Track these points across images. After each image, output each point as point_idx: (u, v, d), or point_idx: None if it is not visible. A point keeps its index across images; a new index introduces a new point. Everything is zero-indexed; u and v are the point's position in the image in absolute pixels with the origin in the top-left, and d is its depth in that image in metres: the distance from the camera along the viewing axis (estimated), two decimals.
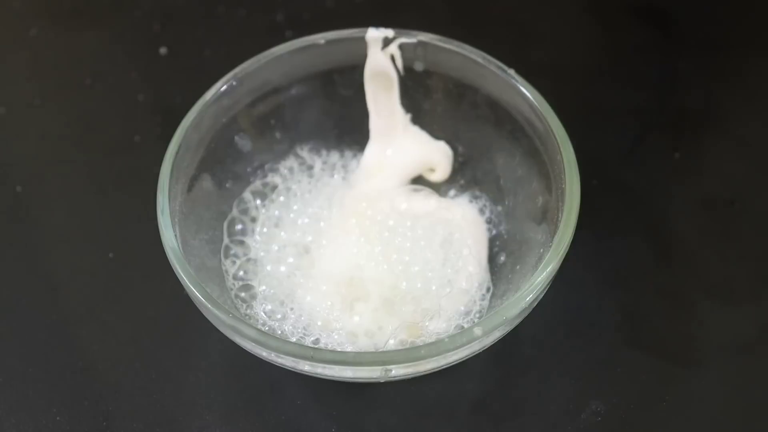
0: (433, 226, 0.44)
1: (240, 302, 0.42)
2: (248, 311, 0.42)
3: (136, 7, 0.63)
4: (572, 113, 0.44)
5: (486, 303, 0.43)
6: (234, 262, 0.44)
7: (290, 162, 0.48)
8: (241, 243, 0.45)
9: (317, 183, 0.48)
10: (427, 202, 0.46)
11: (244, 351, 0.37)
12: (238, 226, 0.45)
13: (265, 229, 0.46)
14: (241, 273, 0.44)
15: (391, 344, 0.41)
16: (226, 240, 0.45)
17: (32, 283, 0.48)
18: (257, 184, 0.47)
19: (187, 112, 0.42)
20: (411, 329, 0.41)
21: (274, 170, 0.48)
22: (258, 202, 0.47)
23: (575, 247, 0.38)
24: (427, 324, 0.41)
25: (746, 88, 0.57)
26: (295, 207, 0.46)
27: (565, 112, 0.42)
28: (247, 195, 0.47)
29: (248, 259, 0.44)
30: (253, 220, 0.46)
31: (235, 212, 0.46)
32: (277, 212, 0.46)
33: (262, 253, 0.44)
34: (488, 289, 0.43)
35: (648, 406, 0.42)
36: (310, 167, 0.48)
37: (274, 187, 0.47)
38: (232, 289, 0.43)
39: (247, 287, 0.43)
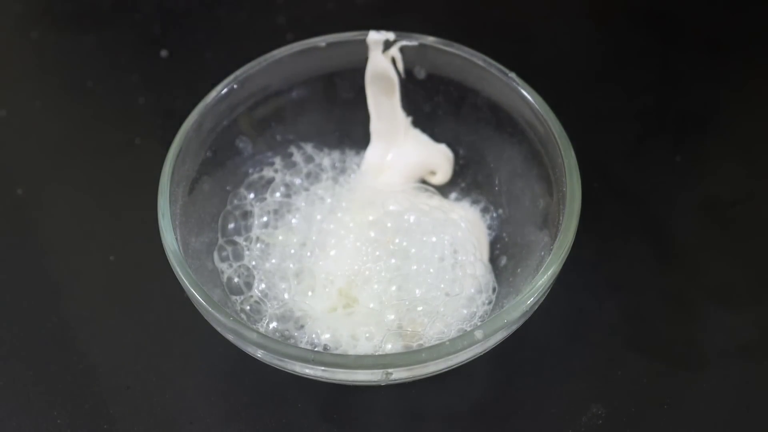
0: (436, 227, 0.44)
1: (239, 304, 0.42)
2: (248, 314, 0.42)
3: (136, 10, 0.63)
4: (573, 116, 0.44)
5: (487, 306, 0.43)
6: (231, 265, 0.44)
7: (290, 162, 0.48)
8: (237, 243, 0.45)
9: (318, 183, 0.48)
10: (429, 203, 0.46)
11: (245, 354, 0.37)
12: (231, 225, 0.45)
13: (262, 229, 0.45)
14: (238, 274, 0.44)
15: (390, 347, 0.41)
16: (221, 240, 0.44)
17: (33, 286, 0.48)
18: (254, 177, 0.47)
19: (188, 115, 0.42)
20: (407, 334, 0.41)
21: (271, 167, 0.48)
22: (252, 196, 0.46)
23: (576, 249, 0.38)
24: (426, 328, 0.41)
25: (747, 90, 0.57)
26: (293, 206, 0.46)
27: (566, 115, 0.42)
28: (242, 191, 0.46)
29: (244, 259, 0.44)
30: (249, 217, 0.46)
31: (229, 208, 0.46)
32: (274, 211, 0.46)
33: (258, 253, 0.44)
34: (494, 290, 0.43)
35: (649, 410, 0.42)
36: (310, 166, 0.48)
37: (271, 181, 0.47)
38: (231, 293, 0.43)
39: (245, 288, 0.43)
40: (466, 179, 0.48)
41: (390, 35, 0.45)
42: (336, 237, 0.45)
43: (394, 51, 0.45)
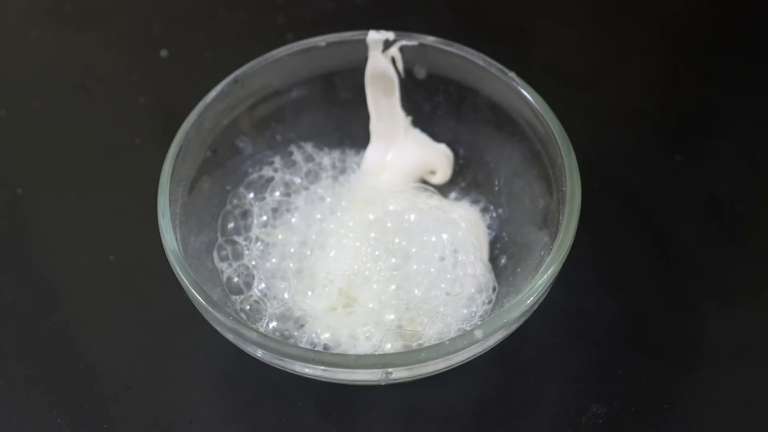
0: (436, 226, 0.44)
1: (239, 304, 0.42)
2: (248, 314, 0.42)
3: (136, 10, 0.63)
4: (573, 116, 0.44)
5: (487, 305, 0.43)
6: (230, 265, 0.44)
7: (290, 161, 0.48)
8: (237, 242, 0.45)
9: (318, 182, 0.48)
10: (429, 202, 0.46)
11: (244, 353, 0.37)
12: (231, 224, 0.45)
13: (261, 229, 0.45)
14: (238, 273, 0.44)
15: (389, 347, 0.41)
16: (220, 239, 0.44)
17: (33, 286, 0.48)
18: (254, 176, 0.47)
19: (187, 114, 0.42)
20: (407, 334, 0.41)
21: (271, 166, 0.48)
22: (251, 195, 0.46)
23: (576, 249, 0.38)
24: (426, 328, 0.41)
25: (747, 90, 0.57)
26: (293, 205, 0.46)
27: (565, 115, 0.42)
28: (242, 191, 0.46)
29: (244, 259, 0.44)
30: (249, 217, 0.46)
31: (228, 208, 0.46)
32: (274, 210, 0.46)
33: (258, 253, 0.44)
34: (494, 289, 0.43)
35: (649, 409, 0.42)
36: (310, 165, 0.48)
37: (270, 181, 0.47)
38: (231, 293, 0.43)
39: (245, 288, 0.43)
40: (466, 179, 0.48)
41: (390, 35, 0.45)
42: (336, 236, 0.45)
43: (394, 51, 0.45)
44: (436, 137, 0.48)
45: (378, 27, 0.45)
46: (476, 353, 0.36)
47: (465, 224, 0.45)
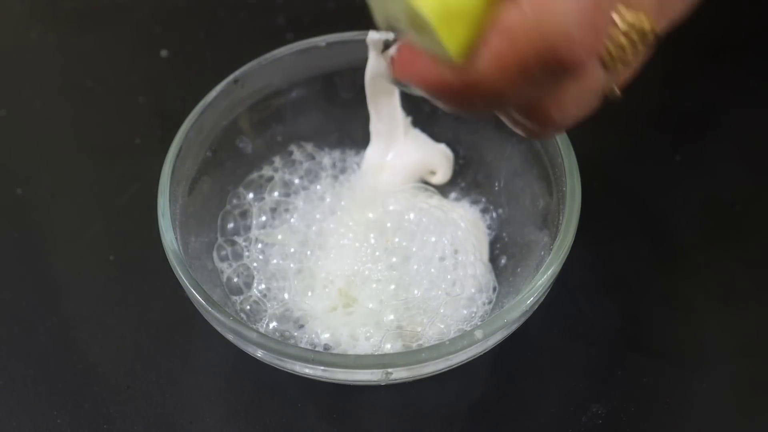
0: (436, 227, 0.44)
1: (239, 304, 0.42)
2: (248, 314, 0.42)
3: (136, 10, 0.63)
4: None
5: (487, 306, 0.42)
6: (230, 265, 0.44)
7: (289, 161, 0.48)
8: (237, 242, 0.45)
9: (318, 182, 0.48)
10: (429, 202, 0.46)
11: (244, 353, 0.37)
12: (230, 224, 0.45)
13: (261, 229, 0.45)
14: (238, 273, 0.44)
15: (389, 347, 0.41)
16: (220, 239, 0.44)
17: (33, 286, 0.48)
18: (254, 176, 0.47)
19: (187, 114, 0.42)
20: (407, 334, 0.41)
21: (271, 166, 0.48)
22: (251, 195, 0.46)
23: (576, 249, 0.38)
24: (426, 328, 0.41)
25: (747, 90, 0.57)
26: (293, 206, 0.46)
27: None
28: (242, 191, 0.46)
29: (244, 259, 0.44)
30: (249, 217, 0.46)
31: (228, 208, 0.46)
32: (274, 210, 0.46)
33: (258, 253, 0.44)
34: (494, 289, 0.43)
35: (649, 409, 0.42)
36: (310, 165, 0.48)
37: (270, 180, 0.47)
38: (231, 293, 0.43)
39: (245, 288, 0.43)
40: (466, 179, 0.48)
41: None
42: (336, 236, 0.44)
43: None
44: (436, 137, 0.48)
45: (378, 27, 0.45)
46: (476, 353, 0.36)
47: (465, 224, 0.45)
